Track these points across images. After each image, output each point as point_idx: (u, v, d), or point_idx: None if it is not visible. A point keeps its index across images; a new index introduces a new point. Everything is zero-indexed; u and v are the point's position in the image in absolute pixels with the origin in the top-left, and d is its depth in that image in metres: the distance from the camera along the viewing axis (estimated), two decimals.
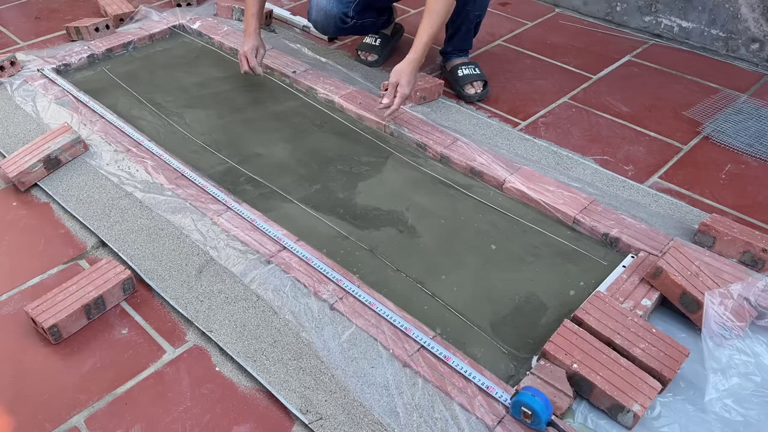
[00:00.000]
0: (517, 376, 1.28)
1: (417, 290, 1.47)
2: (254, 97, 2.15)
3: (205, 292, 1.43)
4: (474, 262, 1.54)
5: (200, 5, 2.70)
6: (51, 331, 1.31)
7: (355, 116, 2.06)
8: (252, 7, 2.07)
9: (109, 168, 1.78)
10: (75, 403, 1.23)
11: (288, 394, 1.23)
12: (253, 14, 2.06)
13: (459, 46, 2.20)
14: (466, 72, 2.14)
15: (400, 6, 2.58)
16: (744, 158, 1.92)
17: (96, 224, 1.61)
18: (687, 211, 1.69)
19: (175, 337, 1.36)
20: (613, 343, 1.27)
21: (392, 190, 1.77)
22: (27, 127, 1.94)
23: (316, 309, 1.38)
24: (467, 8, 2.03)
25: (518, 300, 1.45)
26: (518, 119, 2.08)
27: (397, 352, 1.29)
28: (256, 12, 2.07)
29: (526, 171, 1.77)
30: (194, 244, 1.54)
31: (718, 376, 1.26)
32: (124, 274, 1.42)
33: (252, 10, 2.07)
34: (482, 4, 2.09)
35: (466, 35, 2.16)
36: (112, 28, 2.46)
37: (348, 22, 2.10)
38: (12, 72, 2.15)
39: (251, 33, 2.06)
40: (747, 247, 1.49)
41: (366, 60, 2.33)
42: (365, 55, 2.35)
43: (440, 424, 1.17)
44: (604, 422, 1.20)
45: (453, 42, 2.19)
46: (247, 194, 1.73)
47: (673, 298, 1.38)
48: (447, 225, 1.65)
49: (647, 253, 1.50)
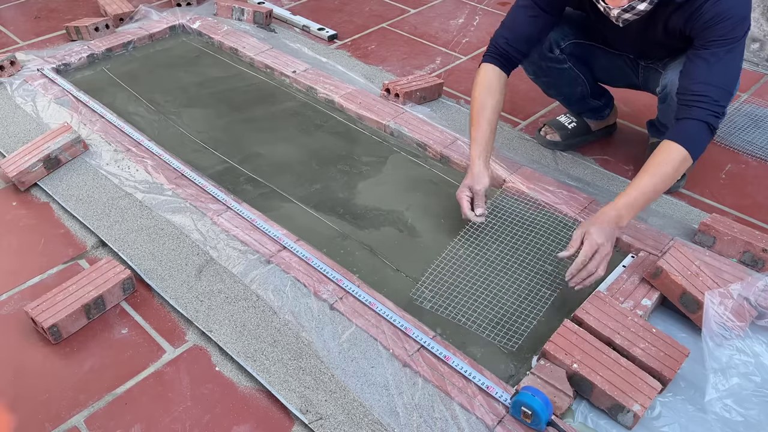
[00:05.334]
0: (517, 375, 1.28)
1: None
2: (254, 97, 2.15)
3: (205, 292, 1.43)
4: (474, 261, 1.54)
5: (200, 5, 2.70)
6: (51, 330, 1.31)
7: (355, 116, 2.05)
8: (477, 131, 1.59)
9: (109, 168, 1.77)
10: (75, 403, 1.23)
11: (288, 394, 1.23)
12: (475, 141, 1.59)
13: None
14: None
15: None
16: (744, 158, 1.92)
17: (96, 224, 1.60)
18: (687, 211, 1.69)
19: (175, 337, 1.36)
20: (613, 343, 1.27)
21: (392, 190, 1.77)
22: (27, 126, 1.94)
23: (316, 309, 1.38)
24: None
25: (518, 300, 1.45)
26: (518, 119, 2.08)
27: (397, 352, 1.29)
28: (479, 139, 1.58)
29: (526, 171, 1.77)
30: (194, 244, 1.54)
31: (718, 376, 1.26)
32: (124, 274, 1.42)
33: (475, 136, 1.59)
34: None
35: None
36: (112, 28, 2.46)
37: (555, 52, 1.71)
38: (12, 72, 2.15)
39: (471, 167, 1.58)
40: (747, 247, 1.49)
41: (544, 137, 1.93)
42: (548, 132, 1.94)
43: (440, 423, 1.17)
44: (604, 422, 1.20)
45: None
46: (247, 194, 1.73)
47: (673, 298, 1.38)
48: (447, 225, 1.65)
49: (647, 253, 1.50)
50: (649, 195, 1.39)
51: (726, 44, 1.38)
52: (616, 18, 1.45)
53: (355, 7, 2.83)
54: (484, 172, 1.56)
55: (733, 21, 1.36)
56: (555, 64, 1.73)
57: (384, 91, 2.12)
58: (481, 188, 1.55)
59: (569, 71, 1.75)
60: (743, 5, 1.39)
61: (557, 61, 1.73)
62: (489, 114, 1.59)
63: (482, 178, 1.55)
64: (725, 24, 1.37)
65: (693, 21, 1.40)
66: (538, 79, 1.83)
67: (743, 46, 1.42)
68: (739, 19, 1.37)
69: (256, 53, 2.32)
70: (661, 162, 1.38)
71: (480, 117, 1.59)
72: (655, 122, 1.81)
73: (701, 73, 1.39)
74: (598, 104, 1.88)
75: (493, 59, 1.62)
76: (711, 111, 1.37)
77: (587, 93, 1.83)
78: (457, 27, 2.67)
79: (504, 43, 1.61)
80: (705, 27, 1.38)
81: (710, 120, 1.38)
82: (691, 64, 1.42)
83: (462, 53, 2.47)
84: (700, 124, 1.38)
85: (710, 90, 1.38)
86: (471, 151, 1.59)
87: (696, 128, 1.38)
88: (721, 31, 1.37)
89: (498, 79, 1.61)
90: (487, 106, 1.59)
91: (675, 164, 1.37)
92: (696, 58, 1.41)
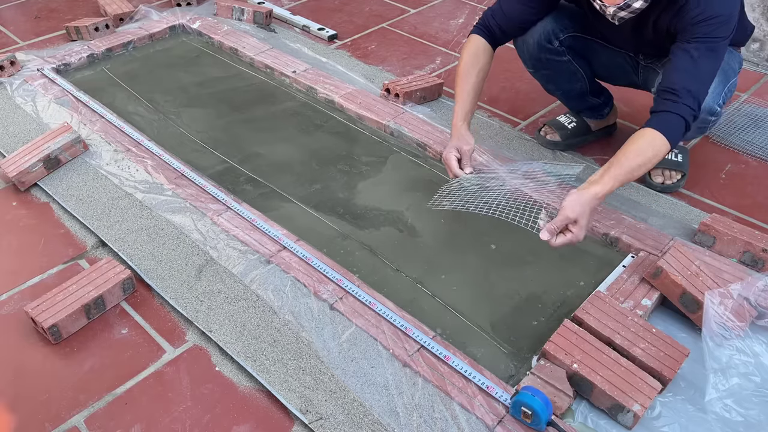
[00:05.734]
0: (517, 375, 1.28)
1: (417, 290, 1.47)
2: (254, 97, 2.15)
3: (205, 292, 1.43)
4: (474, 261, 1.54)
5: (200, 5, 2.70)
6: (51, 330, 1.31)
7: (355, 116, 2.05)
8: (460, 96, 1.64)
9: (109, 168, 1.77)
10: (75, 403, 1.23)
11: (288, 394, 1.23)
12: (459, 104, 1.65)
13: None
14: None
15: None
16: (744, 158, 1.92)
17: (96, 224, 1.60)
18: (687, 211, 1.69)
19: (175, 337, 1.36)
20: (613, 343, 1.27)
21: (392, 189, 1.77)
22: (27, 126, 1.94)
23: (316, 309, 1.38)
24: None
25: (518, 300, 1.45)
26: (518, 119, 2.08)
27: (397, 352, 1.29)
28: (463, 103, 1.64)
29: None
30: (194, 244, 1.54)
31: (718, 376, 1.26)
32: (124, 274, 1.42)
33: (459, 99, 1.65)
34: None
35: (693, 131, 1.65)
36: (112, 28, 2.46)
37: (553, 44, 1.69)
38: (12, 72, 2.15)
39: (455, 130, 1.64)
40: (747, 247, 1.49)
41: (544, 137, 1.93)
42: (548, 132, 1.94)
43: (440, 423, 1.17)
44: (604, 422, 1.20)
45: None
46: (247, 194, 1.73)
47: (673, 298, 1.38)
48: (447, 225, 1.65)
49: (647, 253, 1.50)
50: (633, 170, 1.38)
51: (710, 42, 1.40)
52: (612, 16, 1.46)
53: (355, 7, 2.83)
54: (468, 133, 1.64)
55: (718, 20, 1.38)
56: (554, 56, 1.72)
57: (384, 91, 2.12)
58: (468, 148, 1.61)
59: (568, 65, 1.75)
60: (728, 5, 1.41)
61: (556, 53, 1.72)
62: (474, 80, 1.64)
63: (468, 139, 1.62)
64: (710, 22, 1.38)
65: (678, 18, 1.43)
66: (537, 73, 1.82)
67: (725, 49, 1.44)
68: (724, 20, 1.39)
69: (256, 53, 2.32)
70: (643, 147, 1.39)
71: (464, 83, 1.64)
72: None
73: (685, 67, 1.41)
74: (597, 102, 1.88)
75: (482, 32, 1.67)
76: (690, 108, 1.39)
77: (586, 90, 1.83)
78: (457, 27, 2.67)
79: (494, 24, 1.66)
80: (690, 23, 1.41)
81: (688, 118, 1.40)
82: (674, 57, 1.43)
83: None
84: (680, 119, 1.40)
85: (693, 85, 1.39)
86: (455, 115, 1.64)
87: (676, 121, 1.40)
88: (705, 29, 1.39)
89: (485, 49, 1.66)
90: (471, 73, 1.64)
91: (656, 150, 1.38)
92: (680, 51, 1.42)
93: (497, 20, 1.66)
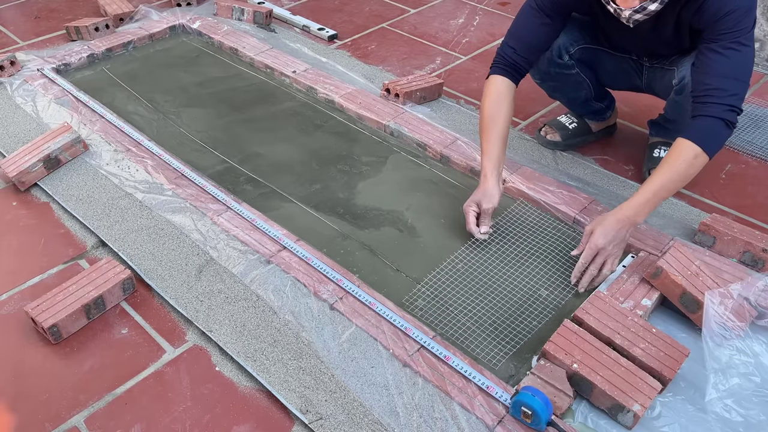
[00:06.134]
0: (517, 375, 1.28)
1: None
2: (254, 97, 2.15)
3: (205, 292, 1.43)
4: (474, 261, 1.54)
5: (200, 5, 2.70)
6: (51, 330, 1.31)
7: (355, 116, 2.05)
8: (488, 144, 1.56)
9: (109, 168, 1.77)
10: (75, 403, 1.23)
11: (288, 394, 1.23)
12: (487, 155, 1.56)
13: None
14: (663, 155, 1.68)
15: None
16: (744, 158, 1.92)
17: (96, 224, 1.60)
18: (687, 211, 1.69)
19: (175, 337, 1.36)
20: (613, 343, 1.27)
21: (392, 190, 1.77)
22: (27, 126, 1.94)
23: (316, 309, 1.38)
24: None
25: (518, 299, 1.45)
26: (518, 119, 2.08)
27: (397, 352, 1.29)
28: (491, 153, 1.55)
29: (526, 171, 1.77)
30: (194, 244, 1.54)
31: (719, 376, 1.26)
32: (124, 274, 1.42)
33: (486, 149, 1.56)
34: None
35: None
36: (112, 28, 2.46)
37: (564, 58, 1.69)
38: (12, 72, 2.15)
39: (483, 182, 1.55)
40: (747, 247, 1.49)
41: (545, 137, 1.92)
42: (548, 132, 1.93)
43: (440, 423, 1.17)
44: (604, 422, 1.20)
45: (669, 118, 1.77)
46: (247, 194, 1.73)
47: (673, 298, 1.38)
48: (447, 225, 1.65)
49: (647, 253, 1.50)
50: (662, 193, 1.39)
51: (735, 35, 1.38)
52: (627, 19, 1.45)
53: (355, 7, 2.83)
54: (495, 190, 1.53)
55: (739, 12, 1.37)
56: (563, 69, 1.72)
57: (384, 91, 2.12)
58: (489, 207, 1.53)
59: (576, 76, 1.75)
60: None
61: (565, 67, 1.72)
62: (500, 127, 1.56)
63: (492, 197, 1.53)
64: (732, 16, 1.37)
65: (700, 14, 1.41)
66: (544, 84, 1.82)
67: (753, 36, 1.41)
68: (745, 11, 1.38)
69: (256, 53, 2.32)
70: (674, 160, 1.38)
71: (491, 130, 1.56)
72: (659, 120, 1.81)
73: (714, 66, 1.39)
74: (600, 106, 1.88)
75: (502, 70, 1.60)
76: (727, 105, 1.37)
77: (591, 96, 1.83)
78: (457, 27, 2.67)
79: (512, 53, 1.59)
80: (713, 20, 1.39)
81: (726, 116, 1.38)
82: (703, 58, 1.42)
83: (462, 53, 2.47)
84: (716, 120, 1.38)
85: (724, 82, 1.38)
86: (483, 166, 1.55)
87: (711, 125, 1.38)
88: (729, 23, 1.38)
89: (508, 90, 1.59)
90: (498, 119, 1.56)
91: (688, 160, 1.37)
92: (708, 51, 1.41)
93: (520, 53, 1.58)
